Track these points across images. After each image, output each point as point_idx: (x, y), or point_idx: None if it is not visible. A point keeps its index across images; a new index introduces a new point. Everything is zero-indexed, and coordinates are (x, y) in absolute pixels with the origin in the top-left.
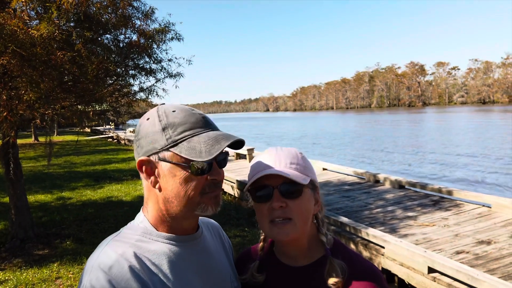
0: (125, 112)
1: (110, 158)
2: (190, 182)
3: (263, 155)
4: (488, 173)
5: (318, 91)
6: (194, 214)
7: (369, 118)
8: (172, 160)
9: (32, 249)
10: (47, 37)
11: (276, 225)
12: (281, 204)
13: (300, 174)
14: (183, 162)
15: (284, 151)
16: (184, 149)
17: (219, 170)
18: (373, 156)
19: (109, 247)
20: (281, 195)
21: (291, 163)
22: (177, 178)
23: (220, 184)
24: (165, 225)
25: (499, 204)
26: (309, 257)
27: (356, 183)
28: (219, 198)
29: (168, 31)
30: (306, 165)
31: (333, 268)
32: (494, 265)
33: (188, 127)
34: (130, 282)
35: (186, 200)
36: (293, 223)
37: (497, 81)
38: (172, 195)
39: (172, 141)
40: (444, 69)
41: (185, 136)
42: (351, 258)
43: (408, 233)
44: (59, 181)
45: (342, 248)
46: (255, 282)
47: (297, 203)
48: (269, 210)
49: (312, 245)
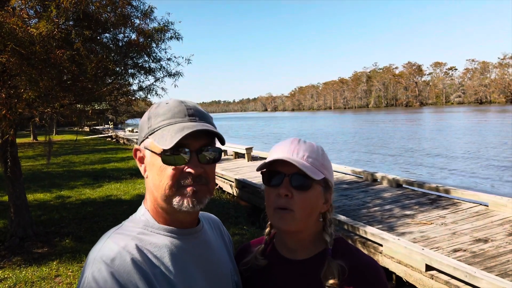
0: (125, 111)
1: (109, 157)
2: (165, 172)
3: (285, 143)
4: (484, 171)
5: (316, 91)
6: (173, 208)
7: (366, 118)
8: (151, 148)
9: (31, 247)
10: (46, 36)
11: (277, 212)
12: (287, 193)
13: (314, 169)
14: (157, 151)
15: (306, 144)
16: (157, 137)
17: (197, 163)
18: (371, 156)
19: (111, 240)
20: (290, 184)
21: (308, 156)
22: (155, 167)
23: (202, 179)
24: (162, 217)
25: (496, 203)
26: (308, 251)
27: (354, 182)
28: (200, 194)
29: (167, 30)
30: (324, 163)
31: (330, 270)
32: (492, 263)
33: (168, 116)
34: (132, 274)
35: (162, 191)
36: (294, 215)
37: (494, 81)
38: (153, 185)
39: (151, 130)
40: (441, 69)
41: (162, 125)
42: (353, 254)
43: (406, 231)
44: (58, 180)
45: (343, 244)
46: (257, 266)
47: (303, 196)
48: (276, 196)
49: (314, 241)
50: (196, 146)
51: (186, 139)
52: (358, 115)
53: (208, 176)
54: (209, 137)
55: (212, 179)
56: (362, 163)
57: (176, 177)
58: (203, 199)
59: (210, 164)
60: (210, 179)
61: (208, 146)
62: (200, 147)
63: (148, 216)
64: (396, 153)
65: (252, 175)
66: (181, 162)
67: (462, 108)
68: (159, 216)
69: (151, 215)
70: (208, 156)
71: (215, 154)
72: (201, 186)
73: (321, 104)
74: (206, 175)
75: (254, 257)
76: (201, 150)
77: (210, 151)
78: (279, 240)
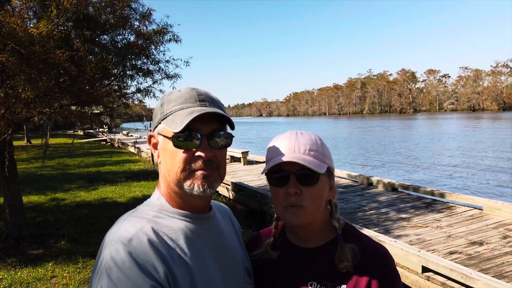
0: (123, 113)
1: (104, 160)
2: (176, 156)
3: (283, 138)
4: (477, 175)
5: (311, 97)
6: (185, 192)
7: (361, 124)
8: (163, 133)
9: (26, 248)
10: (46, 36)
11: (289, 210)
12: (296, 191)
13: (318, 162)
14: (169, 135)
15: (305, 137)
16: (168, 122)
17: (208, 147)
18: (366, 160)
19: (127, 222)
20: (297, 181)
21: (310, 149)
22: (168, 151)
23: (212, 164)
24: (175, 201)
25: (491, 207)
26: (320, 239)
27: (350, 185)
28: (211, 179)
29: (166, 32)
30: (325, 152)
31: (344, 253)
32: (487, 265)
33: (179, 102)
34: (149, 254)
35: (174, 175)
36: (305, 210)
37: (486, 89)
38: (165, 170)
39: (163, 115)
40: (435, 76)
41: (174, 110)
42: (363, 240)
43: (402, 234)
44: (52, 183)
45: (353, 231)
46: (269, 258)
47: (312, 191)
48: (284, 194)
49: (325, 228)
50: (207, 131)
51: (197, 124)
52: (353, 121)
53: (219, 161)
54: (219, 122)
55: (223, 164)
56: (358, 167)
57: (187, 161)
58: (214, 184)
59: (221, 149)
60: (221, 164)
61: (219, 131)
62: (211, 131)
63: (162, 200)
64: (389, 160)
65: (248, 179)
66: (191, 146)
67: (455, 115)
68: (172, 200)
69: (165, 199)
70: (219, 142)
71: (226, 139)
72: (212, 171)
73: (316, 110)
74: (216, 160)
75: (264, 250)
76: (212, 135)
77: (221, 137)
78: (290, 230)
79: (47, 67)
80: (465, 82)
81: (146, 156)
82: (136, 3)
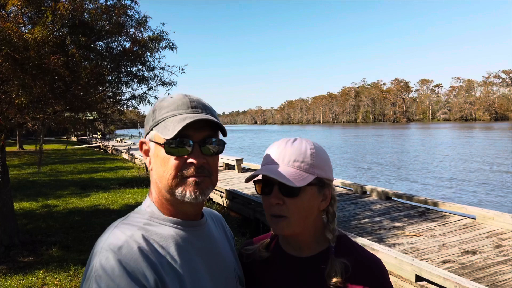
0: (117, 120)
1: (97, 167)
2: (168, 163)
3: (274, 146)
4: (470, 185)
5: (305, 105)
6: (176, 199)
7: (355, 132)
8: (155, 140)
9: (17, 256)
10: (41, 41)
11: (272, 219)
12: (278, 201)
13: (300, 173)
14: (161, 142)
15: (293, 147)
16: (160, 128)
17: (200, 154)
18: (359, 169)
19: (118, 229)
20: (279, 192)
21: (295, 160)
22: (159, 158)
23: (204, 171)
24: (167, 208)
25: (484, 216)
26: (313, 248)
27: (344, 194)
28: (203, 185)
29: (162, 39)
30: (315, 163)
31: (334, 269)
32: (480, 274)
33: (171, 108)
34: (139, 262)
35: (166, 181)
36: (288, 220)
37: (478, 99)
38: (157, 176)
39: (155, 122)
40: (428, 86)
41: (165, 117)
42: (356, 250)
43: (396, 243)
44: (44, 189)
45: (346, 242)
46: (260, 257)
47: (294, 202)
48: (269, 204)
49: (318, 238)
50: (199, 137)
51: (189, 130)
52: (347, 130)
53: (211, 167)
54: (211, 129)
55: (215, 171)
56: (352, 175)
57: (178, 168)
58: (206, 191)
59: (213, 155)
60: (213, 171)
61: (211, 138)
62: (203, 138)
63: (153, 207)
64: (382, 168)
65: (242, 186)
66: (183, 153)
67: (448, 124)
68: (164, 207)
69: (156, 206)
70: (211, 149)
71: (218, 146)
72: (204, 178)
73: (310, 118)
74: (208, 167)
75: (257, 249)
76: (204, 141)
77: (213, 144)
78: (283, 239)
79: (41, 72)
80: (457, 92)
81: (140, 163)
82: (132, 10)
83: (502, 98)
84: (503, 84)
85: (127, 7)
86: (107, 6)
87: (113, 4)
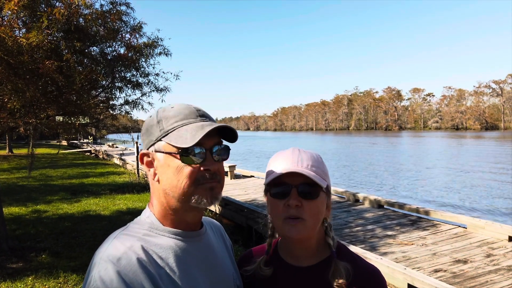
0: (110, 125)
1: (87, 172)
2: (183, 171)
3: (286, 153)
4: (461, 193)
5: (298, 112)
6: (190, 206)
7: (347, 140)
8: (165, 150)
9: (5, 262)
10: (36, 46)
11: (289, 222)
12: (297, 203)
13: (319, 177)
14: (174, 151)
15: (307, 153)
16: (173, 138)
17: (213, 161)
18: (350, 177)
19: (117, 240)
20: (298, 194)
21: (312, 165)
22: (171, 168)
23: (217, 176)
24: (169, 219)
25: (474, 225)
26: (314, 258)
27: (336, 201)
28: (216, 191)
29: (156, 46)
30: (325, 170)
31: (338, 270)
32: (471, 283)
33: (180, 118)
34: (138, 274)
35: (180, 190)
36: (305, 223)
37: (469, 108)
38: (168, 186)
39: (164, 132)
40: (420, 95)
41: (176, 126)
42: (355, 260)
43: (388, 251)
44: (34, 194)
45: (346, 250)
46: (262, 276)
47: (312, 204)
48: (284, 207)
49: (319, 247)
50: (210, 145)
51: (202, 138)
52: (339, 137)
53: (221, 173)
54: (219, 136)
55: (223, 176)
56: (344, 182)
57: (194, 175)
58: (218, 195)
59: (221, 162)
60: (222, 176)
61: (220, 145)
62: (213, 145)
63: (153, 218)
64: (375, 176)
65: (235, 193)
66: (199, 160)
67: (439, 133)
68: (165, 218)
69: (156, 217)
70: (221, 155)
71: (226, 152)
72: (216, 183)
73: (303, 125)
74: (219, 173)
75: (258, 266)
76: (215, 149)
77: (222, 150)
78: (284, 248)
79: (35, 77)
80: (449, 101)
81: (132, 168)
82: (127, 16)
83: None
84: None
85: (122, 13)
86: (103, 12)
87: (108, 10)
